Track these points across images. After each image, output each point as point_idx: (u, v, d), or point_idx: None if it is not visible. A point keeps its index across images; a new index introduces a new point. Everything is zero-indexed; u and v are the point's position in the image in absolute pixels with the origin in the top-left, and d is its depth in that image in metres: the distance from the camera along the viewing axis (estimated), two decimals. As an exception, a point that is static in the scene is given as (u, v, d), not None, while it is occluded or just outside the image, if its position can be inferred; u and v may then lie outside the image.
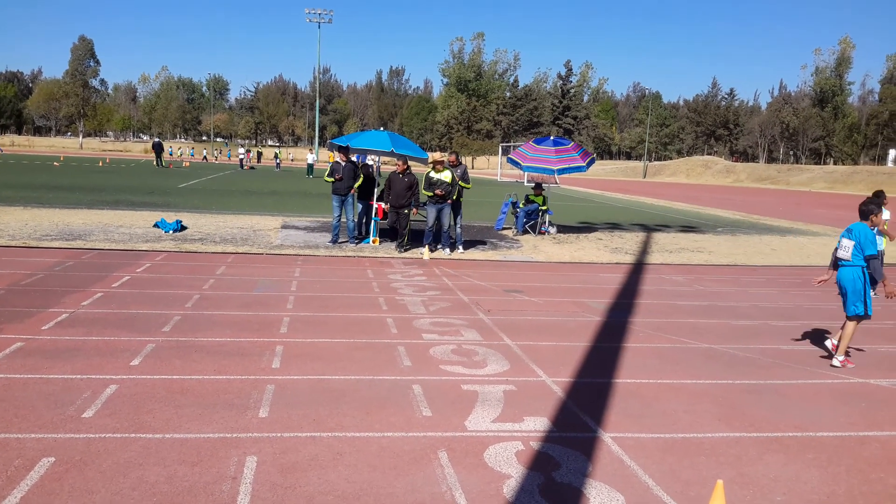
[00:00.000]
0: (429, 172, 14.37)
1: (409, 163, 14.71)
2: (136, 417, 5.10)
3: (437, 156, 14.41)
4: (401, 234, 14.63)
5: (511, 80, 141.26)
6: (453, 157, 15.38)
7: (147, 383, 5.84)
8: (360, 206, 15.58)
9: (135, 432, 4.84)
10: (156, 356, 6.60)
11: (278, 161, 67.76)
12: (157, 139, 67.84)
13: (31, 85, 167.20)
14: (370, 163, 16.99)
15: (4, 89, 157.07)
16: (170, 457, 4.50)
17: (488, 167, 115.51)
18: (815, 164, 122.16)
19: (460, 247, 14.87)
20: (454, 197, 14.56)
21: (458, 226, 15.18)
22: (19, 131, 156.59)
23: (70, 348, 6.69)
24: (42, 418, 4.99)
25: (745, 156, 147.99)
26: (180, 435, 4.85)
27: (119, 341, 7.02)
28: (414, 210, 14.54)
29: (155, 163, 58.62)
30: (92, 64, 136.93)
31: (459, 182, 14.66)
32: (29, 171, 39.86)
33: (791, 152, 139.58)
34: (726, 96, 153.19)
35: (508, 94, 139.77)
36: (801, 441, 5.32)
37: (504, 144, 77.71)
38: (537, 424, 5.37)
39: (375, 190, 15.66)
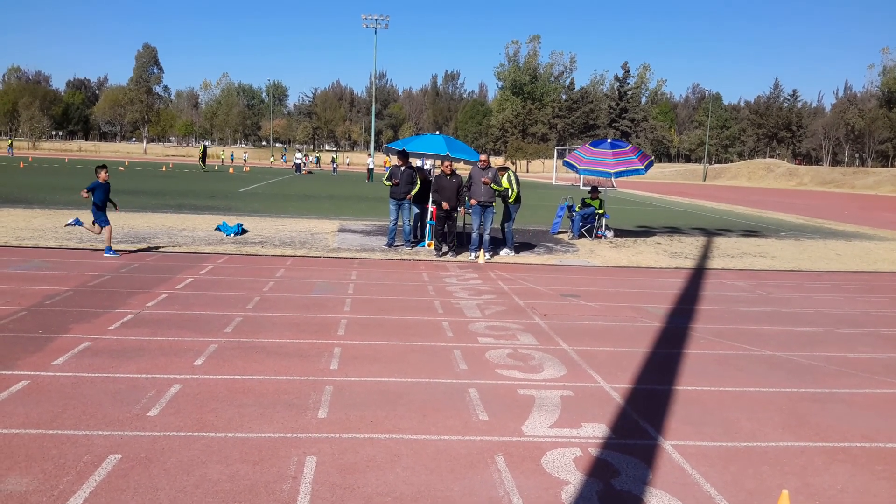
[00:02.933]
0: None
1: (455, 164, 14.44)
2: (199, 416, 5.21)
3: (499, 161, 14.35)
4: (448, 239, 14.52)
5: (567, 82, 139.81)
6: (485, 158, 14.40)
7: (210, 383, 5.96)
8: (415, 210, 15.65)
9: (198, 431, 4.95)
10: (218, 356, 6.74)
11: (335, 165, 68.80)
12: (205, 143, 69.47)
13: (97, 92, 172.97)
14: (426, 166, 17.04)
15: (72, 96, 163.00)
16: (232, 455, 4.58)
17: (543, 171, 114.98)
18: (883, 166, 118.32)
19: (510, 251, 14.78)
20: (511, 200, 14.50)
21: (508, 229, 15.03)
22: (86, 137, 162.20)
23: (135, 348, 6.87)
24: (109, 416, 5.14)
25: (809, 158, 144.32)
26: (242, 434, 4.93)
27: (183, 341, 7.19)
28: (461, 210, 14.38)
29: (201, 166, 60.05)
30: (155, 71, 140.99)
31: (492, 185, 14.06)
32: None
33: (857, 155, 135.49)
34: (789, 97, 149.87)
35: (564, 96, 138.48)
36: (870, 451, 5.15)
37: (559, 147, 77.13)
38: (595, 431, 5.31)
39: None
